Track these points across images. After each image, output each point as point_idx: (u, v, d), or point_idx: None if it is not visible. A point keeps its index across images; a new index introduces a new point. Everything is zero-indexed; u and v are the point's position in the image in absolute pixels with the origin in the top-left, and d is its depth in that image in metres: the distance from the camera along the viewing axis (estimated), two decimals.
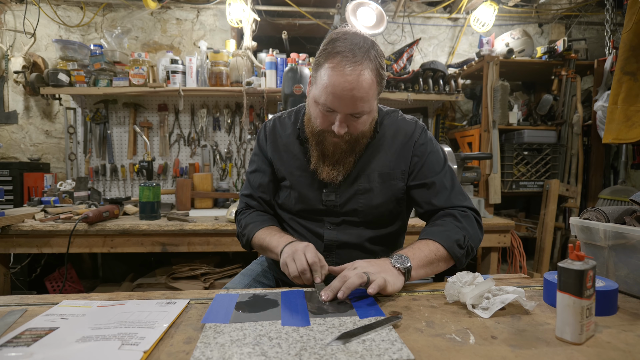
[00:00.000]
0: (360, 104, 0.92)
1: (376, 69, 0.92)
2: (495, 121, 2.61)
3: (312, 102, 0.98)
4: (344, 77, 0.88)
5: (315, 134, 1.01)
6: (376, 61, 0.92)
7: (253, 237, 1.09)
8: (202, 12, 3.08)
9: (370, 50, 0.91)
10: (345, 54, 0.88)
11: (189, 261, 2.44)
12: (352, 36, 0.92)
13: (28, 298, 0.85)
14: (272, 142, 1.14)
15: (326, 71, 0.90)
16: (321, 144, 1.01)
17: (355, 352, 0.58)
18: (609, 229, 0.87)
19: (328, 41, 0.93)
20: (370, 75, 0.90)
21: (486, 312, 0.74)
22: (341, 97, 0.90)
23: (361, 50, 0.90)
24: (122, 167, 2.93)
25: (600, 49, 3.12)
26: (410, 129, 1.10)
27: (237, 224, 1.19)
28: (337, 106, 0.92)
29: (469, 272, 0.84)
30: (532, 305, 0.75)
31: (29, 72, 2.81)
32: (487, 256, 2.27)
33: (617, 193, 2.47)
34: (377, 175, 1.06)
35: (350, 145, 1.01)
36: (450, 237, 0.95)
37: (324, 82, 0.91)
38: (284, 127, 1.14)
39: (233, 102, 2.98)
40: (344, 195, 1.06)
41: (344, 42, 0.90)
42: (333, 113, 0.94)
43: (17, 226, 1.89)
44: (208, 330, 0.66)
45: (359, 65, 0.88)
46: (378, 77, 0.93)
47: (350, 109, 0.92)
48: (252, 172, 1.18)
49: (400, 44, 3.18)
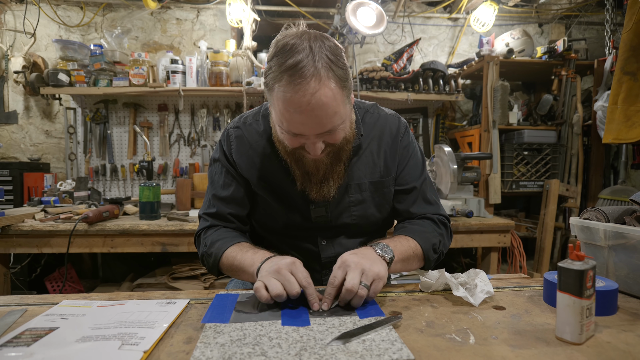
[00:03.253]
0: (328, 121, 0.79)
1: (334, 75, 0.76)
2: (495, 121, 2.61)
3: (277, 126, 0.85)
4: (299, 100, 0.74)
5: (290, 153, 0.88)
6: (331, 65, 0.76)
7: (222, 256, 0.91)
8: (202, 12, 3.08)
9: (320, 53, 0.75)
10: (292, 70, 0.74)
11: (189, 261, 2.44)
12: (297, 42, 0.76)
13: (28, 298, 0.85)
14: (242, 154, 0.99)
15: (278, 95, 0.77)
16: (300, 162, 0.90)
17: (355, 352, 0.58)
18: (609, 229, 0.87)
19: (271, 56, 0.79)
20: (328, 84, 0.75)
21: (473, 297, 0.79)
22: (303, 122, 0.78)
23: (309, 60, 0.74)
24: (122, 167, 2.93)
25: (600, 49, 3.12)
26: (394, 126, 1.03)
27: (199, 244, 1.01)
28: (302, 130, 0.80)
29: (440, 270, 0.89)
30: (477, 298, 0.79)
31: (29, 72, 2.81)
32: (487, 256, 2.27)
33: (617, 193, 2.47)
34: (368, 184, 0.99)
35: (334, 156, 0.89)
36: (428, 240, 0.95)
37: (279, 107, 0.78)
38: (253, 136, 0.99)
39: (233, 102, 2.98)
40: (335, 209, 0.98)
41: (287, 53, 0.75)
42: (301, 136, 0.81)
43: (17, 226, 1.89)
44: (208, 330, 0.66)
45: (311, 80, 0.74)
46: (339, 81, 0.78)
47: (319, 128, 0.79)
48: (219, 187, 1.01)
49: (400, 44, 3.18)
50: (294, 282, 0.74)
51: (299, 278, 0.75)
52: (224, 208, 1.00)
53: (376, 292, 0.76)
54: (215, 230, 0.99)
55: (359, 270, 0.76)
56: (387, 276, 0.81)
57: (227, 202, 1.00)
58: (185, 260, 2.45)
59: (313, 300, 0.74)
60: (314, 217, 0.98)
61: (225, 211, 1.00)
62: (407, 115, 3.13)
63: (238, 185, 1.00)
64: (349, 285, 0.73)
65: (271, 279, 0.74)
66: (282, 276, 0.75)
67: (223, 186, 1.01)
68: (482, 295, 0.79)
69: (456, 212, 2.14)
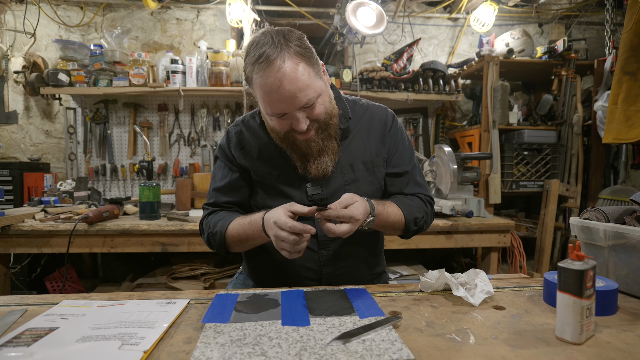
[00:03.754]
0: (303, 94, 0.88)
1: (297, 53, 0.88)
2: (495, 121, 2.61)
3: (265, 116, 0.98)
4: (270, 79, 0.86)
5: (283, 139, 0.99)
6: (293, 45, 0.88)
7: (226, 231, 1.02)
8: (202, 12, 3.08)
9: (281, 40, 0.88)
10: (260, 59, 0.86)
11: (189, 261, 2.44)
12: (261, 38, 0.89)
13: (28, 298, 0.85)
14: (242, 147, 1.09)
15: (256, 83, 0.89)
16: (294, 145, 0.99)
17: (355, 352, 0.58)
18: (609, 229, 0.87)
19: (245, 56, 0.92)
20: (293, 61, 0.87)
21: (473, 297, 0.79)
22: (280, 100, 0.88)
23: (273, 46, 0.87)
24: (122, 167, 2.93)
25: (600, 49, 3.12)
26: (382, 115, 1.12)
27: (204, 229, 1.10)
28: (283, 108, 0.90)
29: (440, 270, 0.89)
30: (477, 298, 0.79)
31: (29, 72, 2.81)
32: (487, 256, 2.27)
33: (617, 193, 2.47)
34: (360, 164, 1.07)
35: (323, 132, 0.99)
36: (412, 213, 1.05)
37: (260, 94, 0.90)
38: (251, 130, 1.10)
39: (233, 102, 2.98)
40: (329, 188, 1.05)
41: (255, 49, 0.88)
42: (286, 116, 0.92)
43: (17, 226, 1.89)
44: (208, 330, 0.66)
45: (276, 60, 0.85)
46: (303, 57, 0.89)
47: (297, 103, 0.89)
48: (217, 180, 1.12)
49: (400, 44, 3.18)
50: (288, 237, 0.85)
51: (292, 227, 0.84)
52: (221, 197, 1.11)
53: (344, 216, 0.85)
54: (216, 213, 1.10)
55: (357, 208, 0.87)
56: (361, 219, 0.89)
57: (224, 192, 1.11)
58: (185, 260, 2.45)
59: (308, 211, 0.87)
60: (310, 195, 1.04)
61: (222, 200, 1.11)
62: (407, 115, 3.13)
63: (234, 175, 1.10)
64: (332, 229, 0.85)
65: (279, 243, 0.87)
66: (280, 237, 0.86)
67: (221, 178, 1.11)
68: (482, 295, 0.79)
69: (456, 212, 2.14)
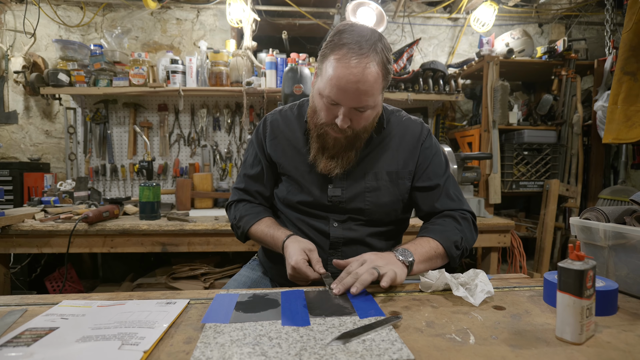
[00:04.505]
0: (365, 98, 0.90)
1: (382, 63, 0.89)
2: (495, 121, 2.61)
3: (317, 94, 0.96)
4: (349, 70, 0.86)
5: (318, 126, 0.99)
6: (383, 54, 0.89)
7: (249, 231, 1.10)
8: (202, 12, 3.08)
9: (377, 43, 0.89)
10: (351, 45, 0.86)
11: (189, 261, 2.44)
12: (360, 28, 0.90)
13: (28, 298, 0.85)
14: (274, 137, 1.11)
15: (331, 63, 0.89)
16: (322, 137, 1.00)
17: (355, 352, 0.58)
18: (609, 229, 0.87)
19: (335, 32, 0.91)
20: (376, 68, 0.88)
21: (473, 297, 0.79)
22: (346, 90, 0.88)
23: (368, 43, 0.87)
24: (122, 167, 2.93)
25: (600, 49, 3.12)
26: (417, 129, 1.10)
27: (230, 214, 1.19)
28: (341, 99, 0.90)
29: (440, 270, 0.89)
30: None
31: (29, 72, 2.81)
32: (487, 256, 2.27)
33: (617, 193, 2.47)
34: (385, 173, 1.06)
35: (350, 141, 0.99)
36: (449, 238, 0.99)
37: (329, 74, 0.89)
38: (287, 121, 1.12)
39: (233, 102, 2.98)
40: (350, 192, 1.05)
41: (350, 34, 0.88)
42: (337, 106, 0.92)
43: (17, 226, 1.89)
44: (208, 330, 0.66)
45: (365, 57, 0.86)
46: (384, 70, 0.91)
47: (355, 102, 0.90)
48: (248, 166, 1.17)
49: (400, 44, 3.18)
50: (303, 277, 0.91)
51: (306, 275, 0.90)
52: (252, 185, 1.16)
53: (389, 282, 0.81)
54: (244, 205, 1.16)
55: (375, 264, 0.85)
56: (403, 276, 0.87)
57: (254, 180, 1.16)
58: (185, 260, 2.45)
59: (316, 262, 0.92)
60: (330, 197, 1.05)
61: (253, 188, 1.16)
62: None
63: (263, 166, 1.14)
64: (352, 268, 0.85)
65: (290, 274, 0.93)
66: (296, 276, 0.92)
67: (252, 165, 1.16)
68: (483, 295, 0.79)
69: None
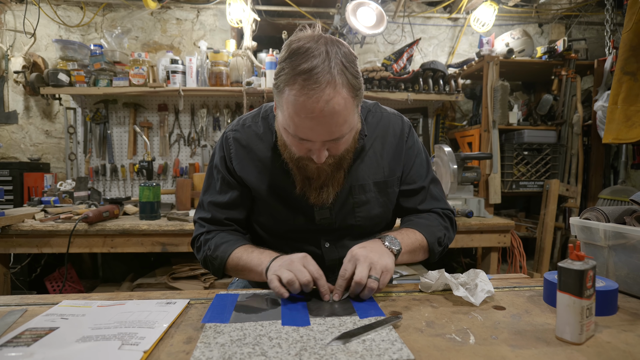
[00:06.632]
0: (337, 129, 0.78)
1: (348, 83, 0.76)
2: (495, 121, 2.61)
3: (282, 129, 0.84)
4: (311, 105, 0.73)
5: (294, 160, 0.88)
6: (346, 72, 0.76)
7: (228, 259, 0.92)
8: (202, 12, 3.08)
9: (335, 59, 0.75)
10: (306, 76, 0.72)
11: (189, 261, 2.44)
12: (313, 46, 0.75)
13: (28, 298, 0.85)
14: (241, 158, 0.98)
15: (289, 98, 0.75)
16: (303, 169, 0.90)
17: (355, 352, 0.58)
18: (609, 229, 0.87)
19: (284, 57, 0.77)
20: (342, 93, 0.75)
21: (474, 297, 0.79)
22: (312, 128, 0.77)
23: (325, 66, 0.73)
24: (122, 167, 2.93)
25: (600, 49, 3.12)
26: (398, 126, 1.02)
27: (201, 248, 0.99)
28: (310, 136, 0.79)
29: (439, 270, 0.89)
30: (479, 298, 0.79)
31: (29, 72, 2.81)
32: (487, 256, 2.27)
33: (617, 193, 2.47)
34: (372, 185, 0.98)
35: (336, 166, 0.90)
36: (434, 234, 0.98)
37: (289, 110, 0.77)
38: (253, 139, 0.98)
39: (233, 102, 2.98)
40: (339, 211, 0.97)
41: (303, 57, 0.74)
42: (308, 141, 0.80)
43: (17, 226, 1.89)
44: (208, 330, 0.66)
45: (325, 87, 0.73)
46: (352, 90, 0.77)
47: (327, 136, 0.79)
48: (215, 192, 1.01)
49: (400, 44, 3.18)
50: (305, 272, 0.78)
51: (310, 270, 0.79)
52: (219, 214, 1.00)
53: (385, 284, 0.81)
54: (217, 234, 0.99)
55: (368, 263, 0.79)
56: (394, 268, 0.84)
57: (222, 208, 1.00)
58: (185, 260, 2.45)
59: (324, 292, 0.79)
60: (318, 219, 0.97)
61: (221, 216, 1.00)
62: (407, 115, 3.09)
63: (235, 191, 0.99)
64: (357, 278, 0.77)
65: (284, 271, 0.79)
66: (294, 267, 0.79)
67: (219, 192, 1.00)
68: (483, 294, 0.79)
69: (456, 212, 2.14)
